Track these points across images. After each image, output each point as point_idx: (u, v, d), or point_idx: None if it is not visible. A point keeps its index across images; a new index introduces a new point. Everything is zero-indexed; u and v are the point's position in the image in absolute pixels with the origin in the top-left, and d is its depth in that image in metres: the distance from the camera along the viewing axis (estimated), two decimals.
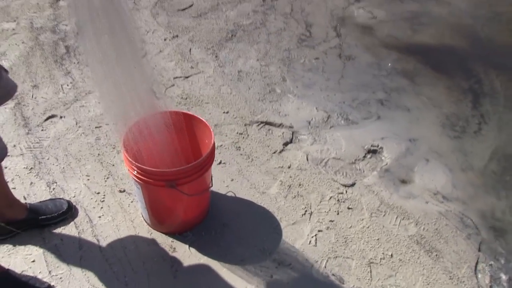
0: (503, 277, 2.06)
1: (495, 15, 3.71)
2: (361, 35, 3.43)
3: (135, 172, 1.89)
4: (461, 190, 2.41)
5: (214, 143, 1.95)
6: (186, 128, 2.09)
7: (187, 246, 2.09)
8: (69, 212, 2.18)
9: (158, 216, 2.12)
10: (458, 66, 3.19)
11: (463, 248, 2.16)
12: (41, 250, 2.02)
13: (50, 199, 2.22)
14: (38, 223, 2.10)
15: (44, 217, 2.11)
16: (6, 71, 1.69)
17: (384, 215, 2.26)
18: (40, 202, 2.19)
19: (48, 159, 2.43)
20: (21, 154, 2.44)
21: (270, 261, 2.05)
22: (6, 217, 2.01)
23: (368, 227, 2.20)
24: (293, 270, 2.03)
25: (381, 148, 2.55)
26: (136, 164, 1.86)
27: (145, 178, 1.87)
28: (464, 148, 2.61)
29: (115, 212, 2.22)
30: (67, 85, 2.90)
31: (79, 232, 2.11)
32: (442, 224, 2.24)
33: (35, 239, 2.07)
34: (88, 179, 2.35)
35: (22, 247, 2.04)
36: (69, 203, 2.20)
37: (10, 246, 2.04)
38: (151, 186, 1.92)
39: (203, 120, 2.05)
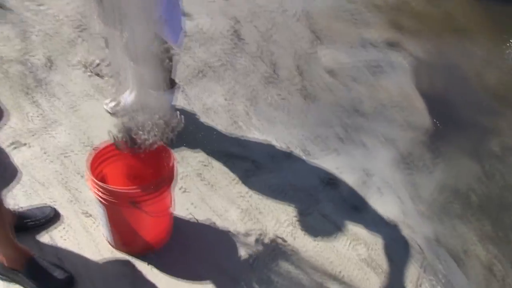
0: None
1: (450, 65, 4.13)
2: (324, 77, 3.78)
3: (98, 191, 2.10)
4: (410, 218, 2.71)
5: (173, 164, 2.21)
6: (151, 155, 2.34)
7: (149, 265, 2.31)
8: (54, 218, 2.46)
9: (120, 236, 2.33)
10: (413, 108, 3.55)
11: (409, 268, 2.46)
12: None
13: (37, 207, 2.48)
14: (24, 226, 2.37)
15: (30, 221, 2.39)
16: None
17: (337, 239, 2.54)
18: (28, 209, 2.46)
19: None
20: None
21: (227, 278, 2.29)
22: None
23: (321, 250, 2.47)
24: (247, 286, 2.27)
25: (337, 179, 2.85)
26: (99, 183, 2.08)
27: (108, 198, 2.09)
28: (415, 182, 2.93)
29: (79, 234, 2.42)
30: (36, 115, 3.14)
31: (43, 254, 2.31)
32: (391, 247, 2.53)
33: None
34: (54, 204, 2.56)
35: None
36: (55, 210, 2.48)
37: None
38: (114, 206, 2.14)
39: (164, 145, 2.30)
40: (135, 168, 2.39)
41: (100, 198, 2.12)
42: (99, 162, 2.29)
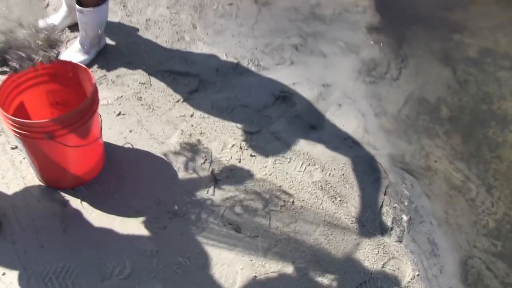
0: (404, 217, 2.19)
1: None
2: None
3: (9, 124, 1.88)
4: (373, 135, 2.50)
5: (95, 89, 1.95)
6: (72, 78, 2.09)
7: (79, 200, 2.11)
8: None
9: (45, 171, 2.12)
10: (378, 10, 3.26)
11: (369, 192, 2.26)
12: None
13: None
14: None
15: None
16: None
17: (289, 162, 2.33)
18: None
19: None
20: None
21: (165, 212, 2.10)
22: None
23: (270, 174, 2.27)
24: (187, 220, 2.08)
25: (292, 94, 2.60)
26: (9, 116, 1.86)
27: (22, 131, 1.86)
28: (379, 93, 2.69)
29: (5, 169, 2.20)
30: None
31: None
32: (349, 169, 2.33)
33: None
34: None
35: None
36: None
37: None
38: (30, 140, 1.92)
39: (83, 66, 2.04)
40: (57, 94, 2.18)
41: (13, 132, 1.89)
42: (17, 91, 2.06)
